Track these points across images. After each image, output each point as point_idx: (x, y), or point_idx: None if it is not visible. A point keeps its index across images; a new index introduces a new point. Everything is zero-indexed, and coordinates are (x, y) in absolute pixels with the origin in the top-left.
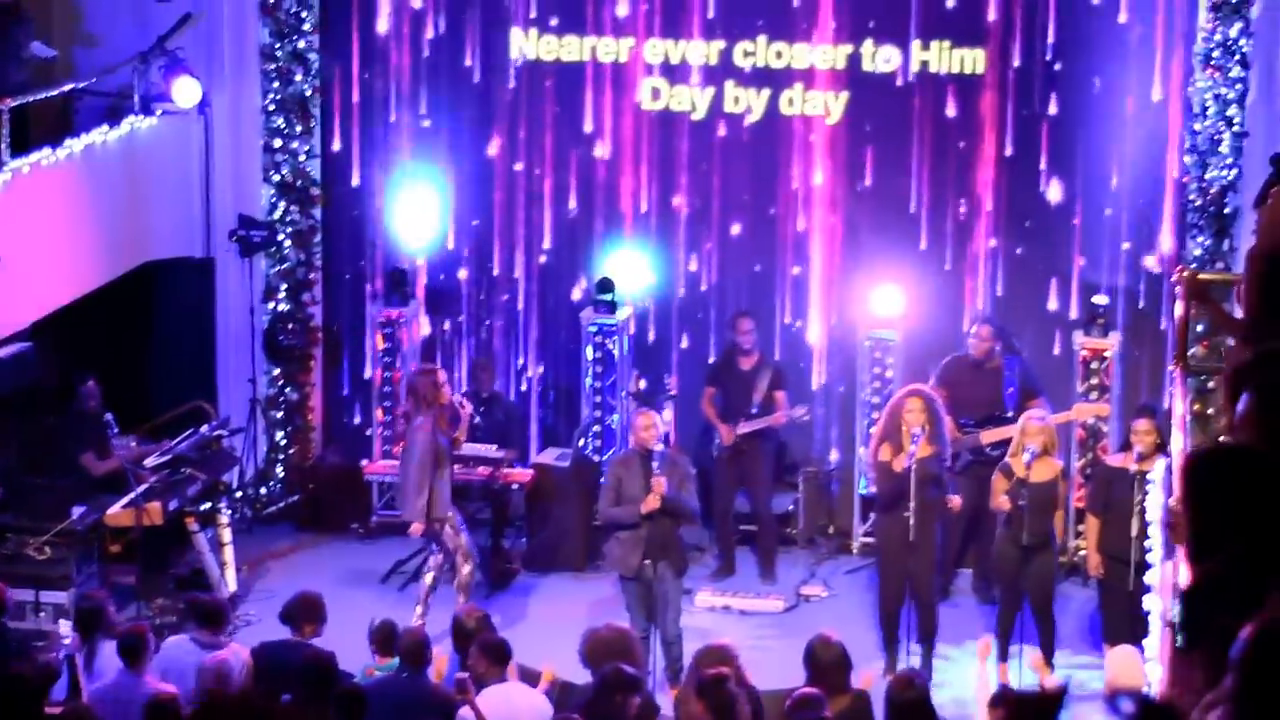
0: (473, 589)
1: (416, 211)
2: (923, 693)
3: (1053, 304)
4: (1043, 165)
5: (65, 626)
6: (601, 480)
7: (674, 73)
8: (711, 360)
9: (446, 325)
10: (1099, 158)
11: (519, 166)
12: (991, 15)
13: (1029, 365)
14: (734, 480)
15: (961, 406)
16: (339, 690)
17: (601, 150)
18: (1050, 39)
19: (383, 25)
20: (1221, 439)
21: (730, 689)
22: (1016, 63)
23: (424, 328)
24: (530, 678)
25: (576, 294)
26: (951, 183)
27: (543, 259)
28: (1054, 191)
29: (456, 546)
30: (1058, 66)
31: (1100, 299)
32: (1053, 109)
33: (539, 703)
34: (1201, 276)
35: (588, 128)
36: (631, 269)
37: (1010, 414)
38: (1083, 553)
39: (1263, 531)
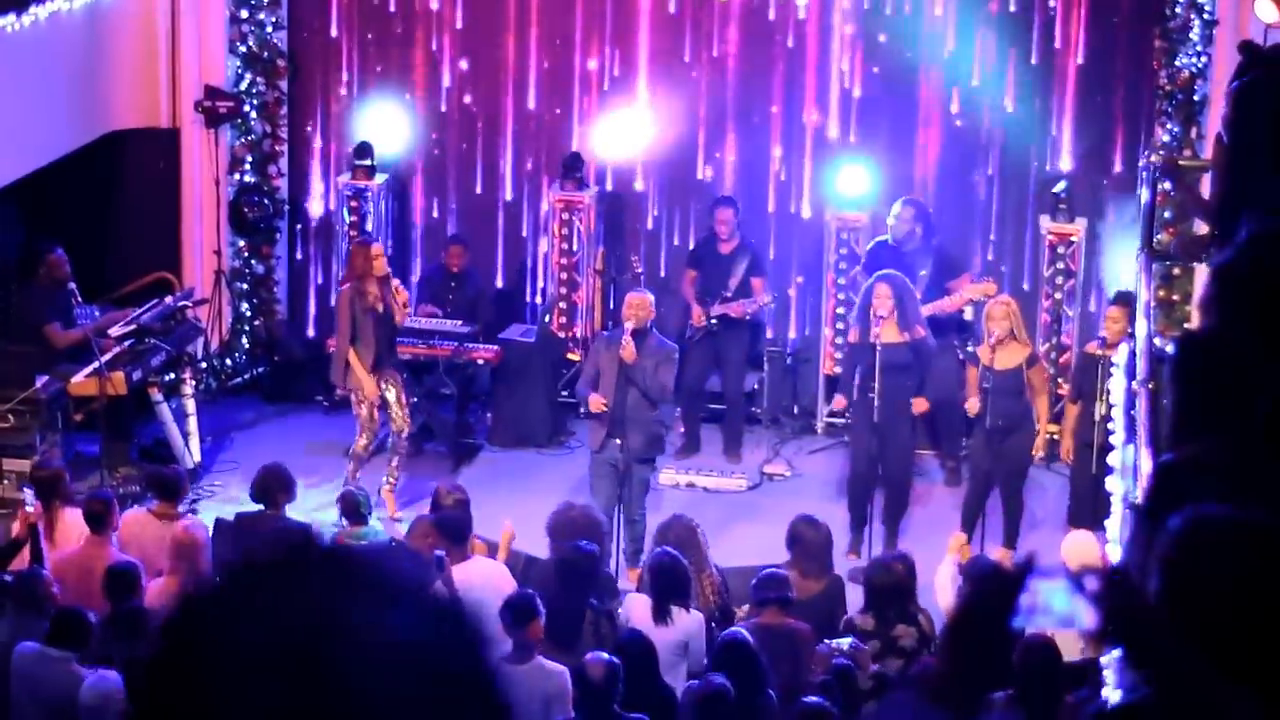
0: (362, 462)
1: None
2: (901, 577)
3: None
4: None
5: (29, 494)
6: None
7: None
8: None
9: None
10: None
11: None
12: None
13: (946, 244)
14: (707, 360)
15: None
16: None
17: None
18: None
19: None
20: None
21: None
22: None
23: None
24: (491, 550)
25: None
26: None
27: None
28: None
29: (358, 417)
30: None
31: (1060, 185)
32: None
33: (502, 575)
34: (1166, 162)
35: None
36: (605, 144)
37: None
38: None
39: (1248, 418)
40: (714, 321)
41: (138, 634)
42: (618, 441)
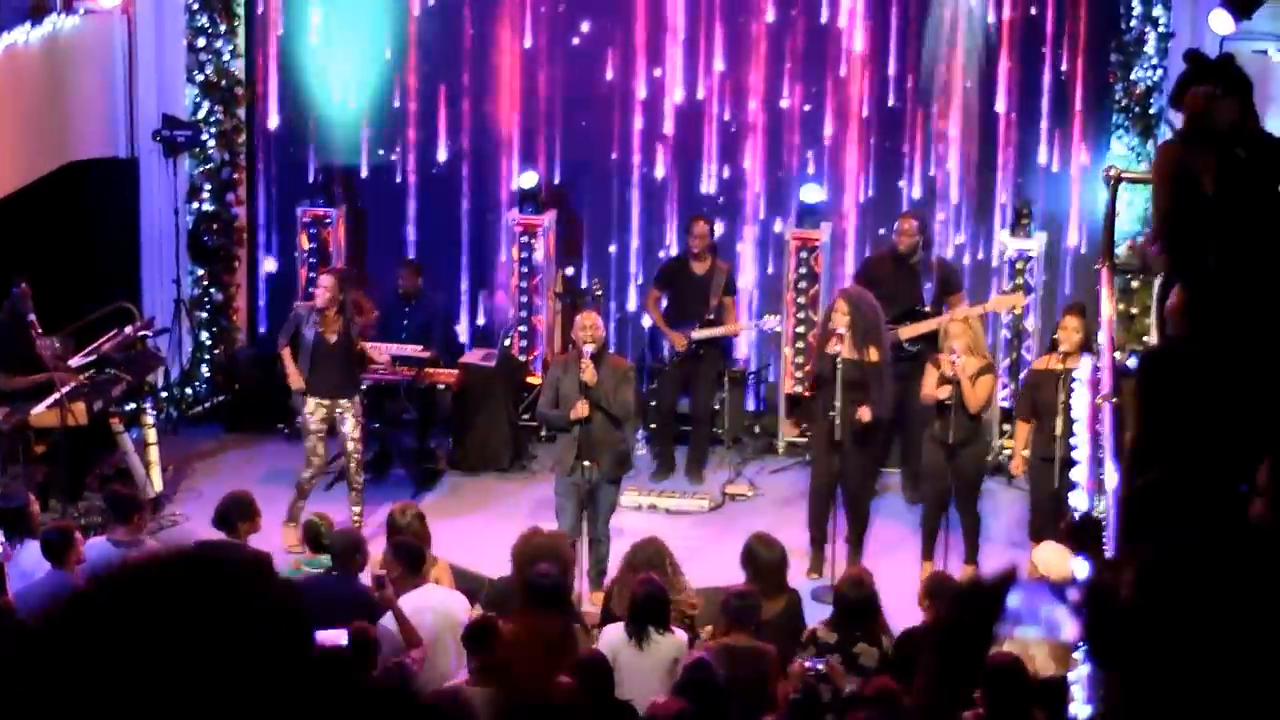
0: (310, 494)
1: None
2: (870, 591)
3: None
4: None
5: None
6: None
7: None
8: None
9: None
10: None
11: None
12: None
13: (948, 260)
14: (679, 382)
15: (881, 302)
16: None
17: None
18: None
19: None
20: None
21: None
22: None
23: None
24: (464, 579)
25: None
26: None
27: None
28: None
29: (306, 448)
30: None
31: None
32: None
33: (458, 602)
34: (1127, 175)
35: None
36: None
37: (928, 309)
38: (1007, 453)
39: (1212, 434)
40: (696, 345)
41: None
42: (586, 464)
